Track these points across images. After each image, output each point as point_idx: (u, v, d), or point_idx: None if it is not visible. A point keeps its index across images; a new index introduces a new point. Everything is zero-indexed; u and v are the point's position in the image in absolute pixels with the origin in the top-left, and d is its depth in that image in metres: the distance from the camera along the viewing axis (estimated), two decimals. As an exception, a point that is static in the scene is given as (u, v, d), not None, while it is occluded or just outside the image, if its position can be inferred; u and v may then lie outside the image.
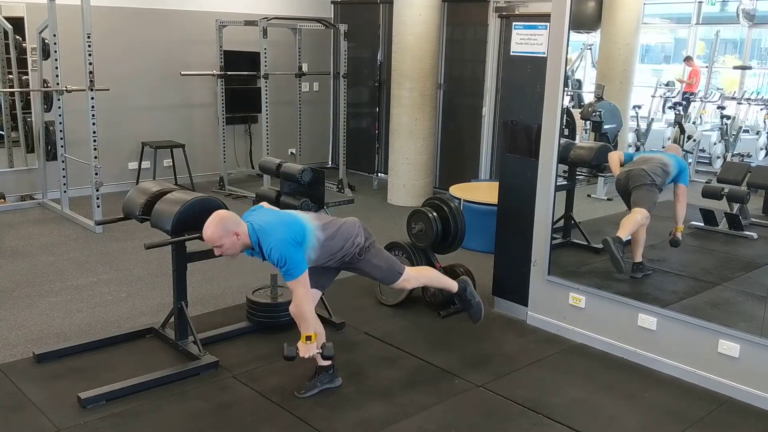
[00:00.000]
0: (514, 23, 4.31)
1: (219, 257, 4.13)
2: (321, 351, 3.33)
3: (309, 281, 3.29)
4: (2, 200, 6.85)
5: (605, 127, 5.48)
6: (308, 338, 3.27)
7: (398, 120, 7.33)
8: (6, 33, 6.90)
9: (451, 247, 4.71)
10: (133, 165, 7.69)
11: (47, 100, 6.67)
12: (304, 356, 3.28)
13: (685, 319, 3.76)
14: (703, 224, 5.26)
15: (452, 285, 3.84)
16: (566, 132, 4.99)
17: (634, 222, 4.49)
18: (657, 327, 3.86)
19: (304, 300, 3.27)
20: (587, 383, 3.76)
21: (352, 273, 3.68)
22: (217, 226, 3.18)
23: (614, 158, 4.89)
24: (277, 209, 3.54)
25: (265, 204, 3.58)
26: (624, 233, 4.45)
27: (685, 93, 6.32)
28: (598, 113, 5.48)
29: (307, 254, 3.29)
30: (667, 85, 6.46)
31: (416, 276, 3.74)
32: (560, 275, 4.31)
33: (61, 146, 6.56)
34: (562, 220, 4.89)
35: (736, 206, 5.17)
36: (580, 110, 5.88)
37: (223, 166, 7.89)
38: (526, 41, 4.22)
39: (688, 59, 6.52)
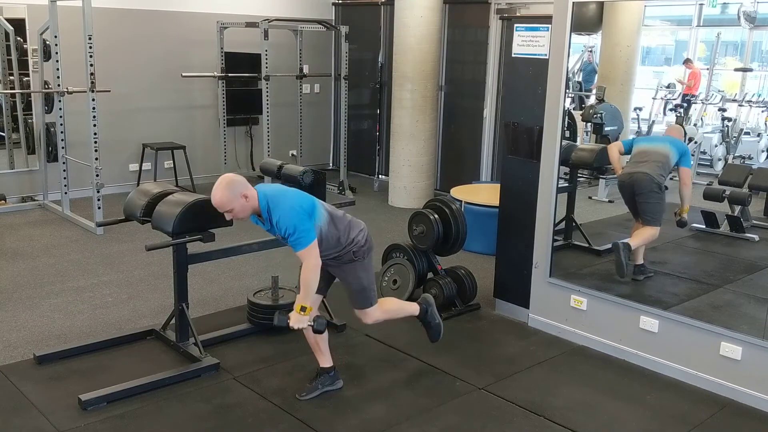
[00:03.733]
0: (515, 25, 4.30)
1: (219, 259, 4.15)
2: (312, 324, 3.19)
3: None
4: (3, 202, 6.84)
5: (606, 129, 5.48)
6: (303, 309, 3.14)
7: (399, 122, 7.33)
8: (7, 34, 6.90)
9: (452, 249, 4.71)
10: (134, 166, 7.68)
11: (48, 102, 6.67)
12: (293, 326, 3.15)
13: (686, 322, 3.76)
14: (704, 226, 5.25)
15: (414, 310, 3.73)
16: (567, 134, 4.99)
17: (648, 237, 4.53)
18: (659, 329, 3.86)
19: (313, 270, 3.14)
20: (589, 385, 3.76)
21: (343, 284, 3.61)
22: (225, 189, 3.11)
23: (614, 151, 4.83)
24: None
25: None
26: (635, 243, 4.48)
27: (685, 95, 6.32)
28: (599, 115, 5.48)
29: (315, 229, 3.19)
30: (668, 87, 6.47)
31: (379, 315, 3.55)
32: (561, 277, 4.31)
33: (62, 147, 6.56)
34: (564, 222, 4.88)
35: (737, 208, 5.17)
36: (581, 112, 5.88)
37: (224, 167, 7.88)
38: (527, 43, 4.22)
39: (687, 61, 6.53)
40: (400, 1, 7.12)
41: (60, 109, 6.50)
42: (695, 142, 6.06)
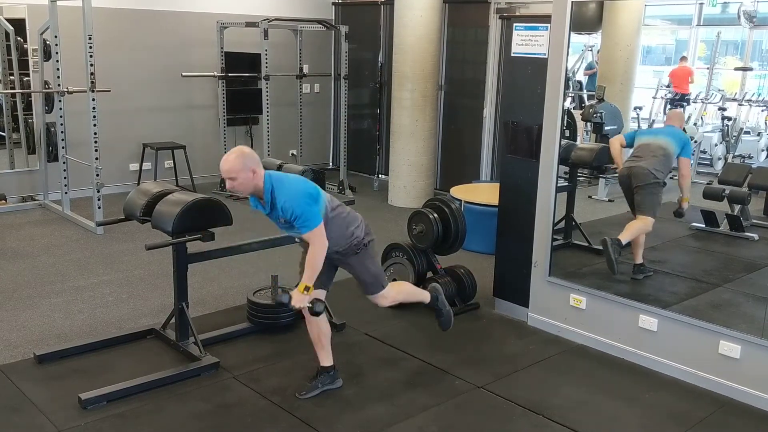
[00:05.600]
0: (515, 24, 4.31)
1: (219, 258, 4.15)
2: (311, 305, 3.23)
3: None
4: (4, 201, 6.85)
5: (606, 128, 5.48)
6: (306, 289, 3.18)
7: (399, 121, 7.33)
8: (7, 34, 6.91)
9: (451, 249, 4.71)
10: (134, 166, 7.69)
11: (48, 102, 6.68)
12: (295, 305, 3.19)
13: (685, 321, 3.76)
14: (704, 225, 5.26)
15: (425, 297, 3.81)
16: (567, 133, 4.99)
17: (638, 229, 4.50)
18: (658, 328, 3.86)
19: (320, 251, 3.18)
20: (588, 384, 3.76)
21: (352, 275, 3.65)
22: (237, 158, 3.11)
23: (615, 144, 4.83)
24: None
25: None
26: (625, 237, 4.45)
27: (684, 95, 6.31)
28: (599, 114, 5.48)
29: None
30: (668, 86, 6.46)
31: (393, 295, 3.65)
32: (561, 276, 4.31)
33: (62, 147, 6.56)
34: (563, 222, 4.88)
35: (737, 207, 5.17)
36: (581, 111, 5.88)
37: (224, 167, 7.87)
38: (526, 42, 4.22)
39: (681, 59, 6.54)
40: (399, 0, 7.12)
41: (60, 108, 6.51)
42: (695, 141, 6.06)
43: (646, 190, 4.57)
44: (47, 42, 6.45)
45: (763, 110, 6.11)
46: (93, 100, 6.02)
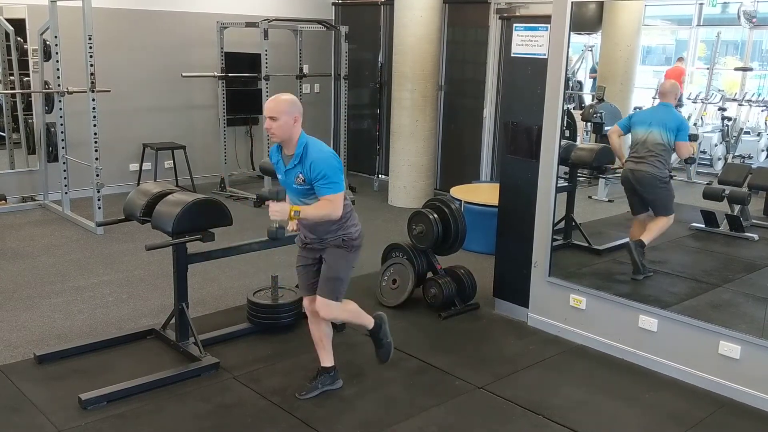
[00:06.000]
0: (514, 25, 4.31)
1: (219, 259, 4.16)
2: (276, 225, 3.13)
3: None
4: (4, 202, 6.85)
5: (606, 128, 5.48)
6: (296, 212, 3.11)
7: (399, 121, 7.33)
8: (7, 34, 6.91)
9: (451, 249, 4.72)
10: (134, 166, 7.69)
11: (48, 102, 6.68)
12: (273, 209, 3.10)
13: (685, 321, 3.76)
14: (704, 225, 5.26)
15: (369, 322, 3.62)
16: (567, 133, 4.99)
17: (661, 228, 4.57)
18: (658, 328, 3.86)
19: (333, 212, 3.18)
20: (588, 385, 3.76)
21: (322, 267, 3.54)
22: (287, 102, 3.18)
23: (614, 137, 4.81)
24: None
25: None
26: (648, 237, 4.50)
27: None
28: (599, 115, 5.48)
29: None
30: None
31: (338, 312, 3.47)
32: (561, 277, 4.31)
33: (62, 148, 6.56)
34: (563, 222, 4.88)
35: (737, 208, 5.17)
36: (581, 111, 5.88)
37: (224, 167, 7.89)
38: (526, 43, 4.22)
39: (678, 60, 6.55)
40: (399, 1, 7.13)
41: (60, 109, 6.51)
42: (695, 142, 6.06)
43: (657, 192, 4.59)
44: (47, 42, 6.46)
45: (763, 110, 6.11)
46: (93, 100, 6.02)
